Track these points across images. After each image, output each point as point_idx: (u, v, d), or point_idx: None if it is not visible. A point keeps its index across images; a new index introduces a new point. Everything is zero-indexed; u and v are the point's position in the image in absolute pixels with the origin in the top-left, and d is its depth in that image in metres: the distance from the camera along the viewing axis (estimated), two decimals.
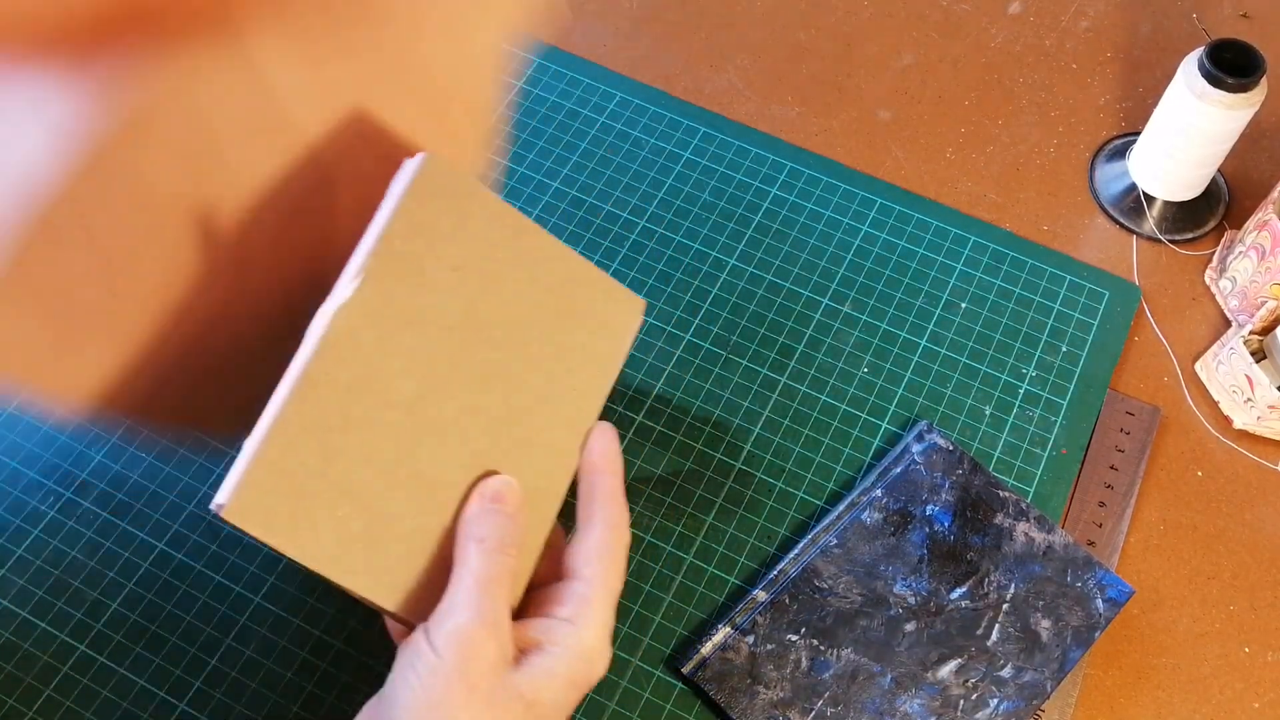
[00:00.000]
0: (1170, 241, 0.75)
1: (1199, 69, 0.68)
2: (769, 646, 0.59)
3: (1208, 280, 0.73)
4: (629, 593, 0.62)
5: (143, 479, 0.64)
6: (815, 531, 0.63)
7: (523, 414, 0.47)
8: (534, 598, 0.45)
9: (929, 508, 0.63)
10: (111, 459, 0.65)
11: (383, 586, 0.43)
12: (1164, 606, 0.62)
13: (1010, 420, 0.68)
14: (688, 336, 0.70)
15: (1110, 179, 0.77)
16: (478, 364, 0.46)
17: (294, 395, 0.42)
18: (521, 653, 0.42)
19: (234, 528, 0.40)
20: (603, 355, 0.49)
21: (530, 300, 0.48)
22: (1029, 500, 0.65)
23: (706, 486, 0.65)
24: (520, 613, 0.45)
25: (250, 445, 0.41)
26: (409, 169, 0.46)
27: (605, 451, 0.47)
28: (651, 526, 0.64)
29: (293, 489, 0.42)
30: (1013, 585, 0.61)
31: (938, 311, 0.72)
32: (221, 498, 0.41)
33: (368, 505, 0.43)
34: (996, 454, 0.67)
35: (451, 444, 0.45)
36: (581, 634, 0.43)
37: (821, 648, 0.59)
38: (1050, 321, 0.71)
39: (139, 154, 0.41)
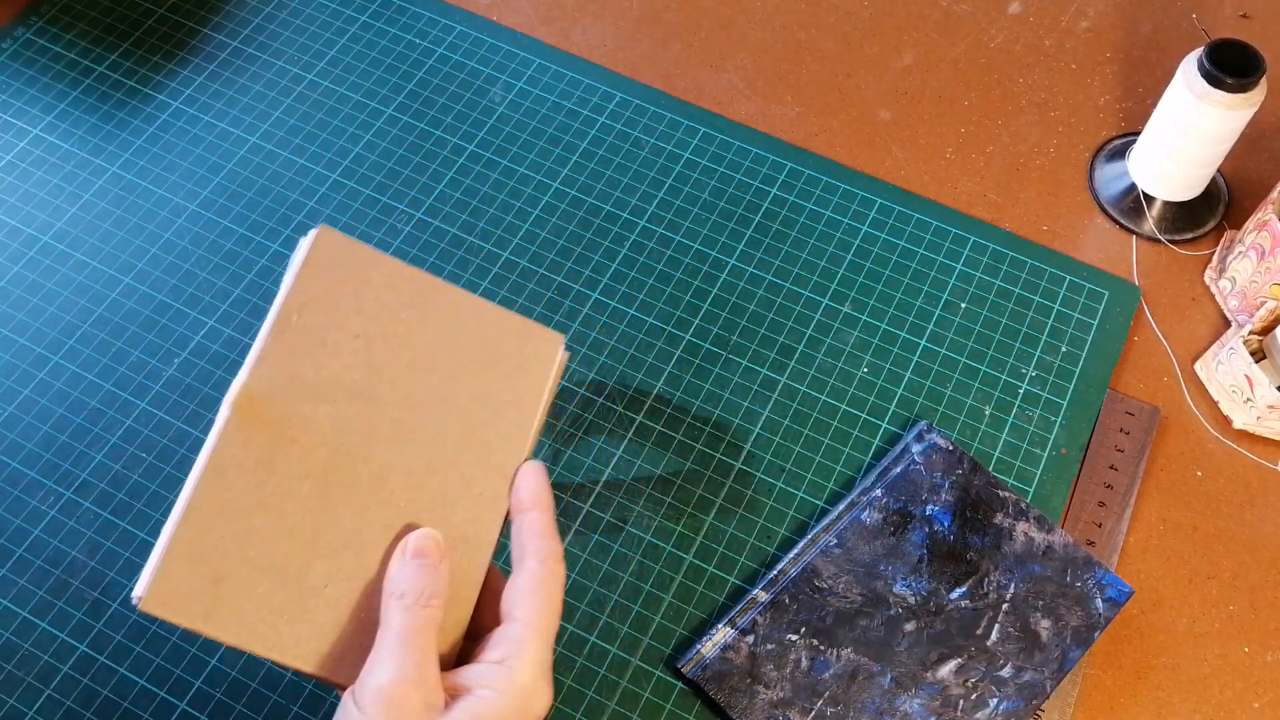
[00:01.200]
0: (1170, 241, 0.75)
1: (1199, 69, 0.68)
2: (769, 646, 0.59)
3: (1207, 280, 0.73)
4: (629, 592, 0.62)
5: (143, 479, 0.64)
6: (815, 531, 0.63)
7: (445, 465, 0.47)
8: (475, 646, 0.45)
9: (929, 508, 0.63)
10: (111, 459, 0.65)
11: (310, 655, 0.44)
12: (1164, 606, 0.62)
13: (1010, 420, 0.68)
14: (688, 336, 0.70)
15: (1110, 179, 0.77)
16: (392, 424, 0.47)
17: (201, 482, 0.43)
18: (452, 700, 0.42)
19: (153, 618, 0.41)
20: (524, 395, 0.50)
21: (441, 354, 0.49)
22: (1029, 500, 0.65)
23: (706, 486, 0.65)
24: (461, 661, 0.45)
25: (164, 534, 0.43)
26: (304, 245, 0.47)
27: (533, 489, 0.48)
28: (651, 526, 0.64)
29: (209, 574, 0.43)
30: (1012, 585, 0.61)
31: (938, 311, 0.72)
32: (139, 590, 0.42)
33: (289, 578, 0.44)
34: (996, 454, 0.67)
35: (372, 505, 0.46)
36: (514, 675, 0.43)
37: (821, 647, 0.59)
38: (1050, 321, 0.71)
39: None
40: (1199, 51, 0.68)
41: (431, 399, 0.48)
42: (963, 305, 0.72)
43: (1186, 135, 0.71)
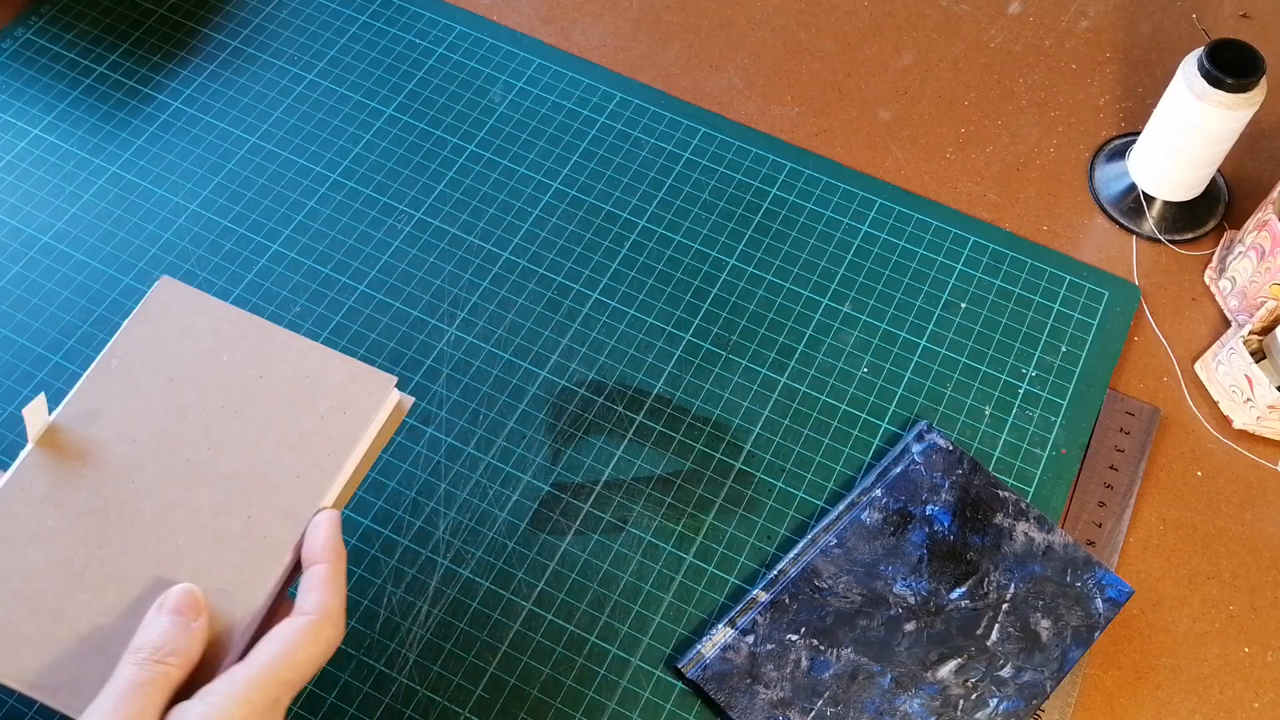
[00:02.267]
0: (1170, 241, 0.75)
1: (1199, 69, 0.68)
2: (769, 646, 0.59)
3: (1207, 280, 0.73)
4: (629, 592, 0.62)
5: None
6: (815, 531, 0.63)
7: (231, 507, 0.48)
8: None
9: (929, 508, 0.63)
10: None
11: (41, 682, 0.45)
12: (1164, 606, 0.63)
13: (1010, 420, 0.68)
14: (688, 336, 0.70)
15: (1110, 179, 0.77)
16: (187, 464, 0.48)
17: None
18: None
19: None
20: (337, 439, 0.49)
21: (255, 397, 0.50)
22: (1029, 500, 0.65)
23: (706, 486, 0.65)
24: None
25: None
26: (146, 296, 0.50)
27: (320, 541, 0.47)
28: (651, 526, 0.64)
29: None
30: (1012, 585, 0.61)
31: (938, 311, 0.72)
32: None
33: (46, 609, 0.46)
34: (996, 454, 0.67)
35: (147, 544, 0.47)
36: (218, 714, 0.42)
37: (821, 648, 0.59)
38: (1050, 321, 0.71)
39: None
40: (1199, 51, 0.68)
41: (236, 441, 0.49)
42: (963, 305, 0.72)
43: (1186, 135, 0.71)
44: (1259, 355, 0.67)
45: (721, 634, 0.59)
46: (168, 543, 0.47)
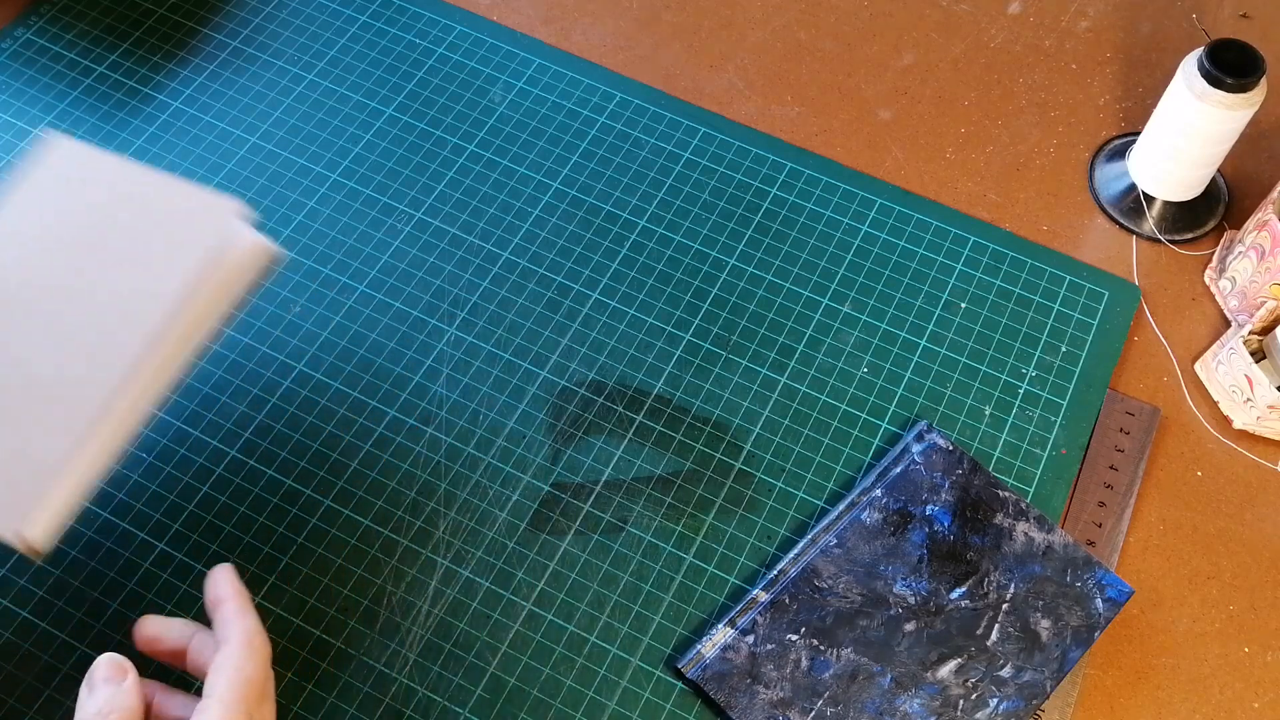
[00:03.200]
0: (1170, 241, 0.75)
1: (1199, 69, 0.68)
2: (769, 646, 0.59)
3: (1207, 280, 0.73)
4: (629, 593, 0.62)
5: (143, 479, 0.64)
6: (815, 531, 0.63)
7: (86, 324, 0.53)
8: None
9: (929, 508, 0.63)
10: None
11: None
12: (1164, 606, 0.63)
13: (1010, 420, 0.68)
14: (688, 336, 0.70)
15: (1110, 179, 0.77)
16: (53, 291, 0.53)
17: None
18: None
19: None
20: (179, 265, 0.53)
21: (114, 233, 0.54)
22: (1029, 500, 0.65)
23: (706, 486, 0.65)
24: None
25: None
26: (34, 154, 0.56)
27: (220, 586, 0.52)
28: (651, 526, 0.64)
29: None
30: (1012, 585, 0.61)
31: (938, 311, 0.72)
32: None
33: None
34: (996, 454, 0.67)
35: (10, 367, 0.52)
36: None
37: (821, 648, 0.59)
38: (1050, 321, 0.71)
39: None
40: (1199, 51, 0.68)
41: (93, 273, 0.53)
42: (963, 305, 0.72)
43: (1186, 135, 0.71)
44: (1259, 355, 0.67)
45: (721, 634, 0.59)
46: (33, 363, 0.52)
